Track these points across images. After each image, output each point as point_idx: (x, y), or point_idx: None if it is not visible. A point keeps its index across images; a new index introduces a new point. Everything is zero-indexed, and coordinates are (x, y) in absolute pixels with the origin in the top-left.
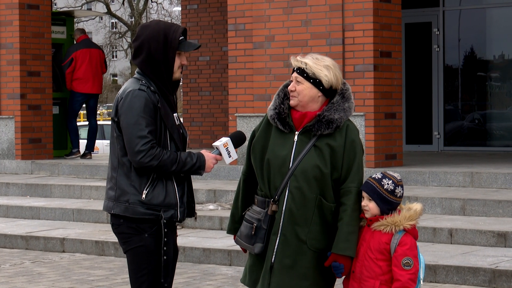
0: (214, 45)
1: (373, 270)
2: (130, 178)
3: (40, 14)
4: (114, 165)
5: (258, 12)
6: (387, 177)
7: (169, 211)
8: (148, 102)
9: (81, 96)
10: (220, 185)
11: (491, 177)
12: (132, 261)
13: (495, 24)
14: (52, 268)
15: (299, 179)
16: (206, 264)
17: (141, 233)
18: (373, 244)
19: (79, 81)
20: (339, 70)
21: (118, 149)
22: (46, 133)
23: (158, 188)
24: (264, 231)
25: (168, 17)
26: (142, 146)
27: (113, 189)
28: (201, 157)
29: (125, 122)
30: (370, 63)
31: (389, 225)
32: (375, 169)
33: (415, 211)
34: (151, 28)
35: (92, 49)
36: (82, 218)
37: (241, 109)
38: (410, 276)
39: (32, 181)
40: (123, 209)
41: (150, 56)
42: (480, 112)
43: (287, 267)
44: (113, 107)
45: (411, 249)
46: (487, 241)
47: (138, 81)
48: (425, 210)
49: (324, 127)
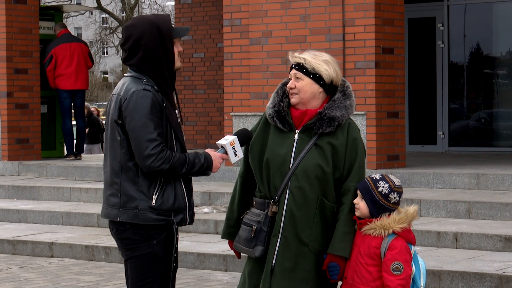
0: (209, 41)
1: (364, 276)
2: (138, 183)
3: (28, 9)
4: (116, 170)
5: (254, 7)
6: (385, 180)
7: (179, 215)
8: (155, 103)
9: (66, 93)
10: (215, 187)
11: (498, 179)
12: (136, 268)
13: (502, 19)
14: (40, 274)
15: (300, 178)
16: (200, 270)
17: (150, 239)
18: (363, 249)
19: (62, 77)
20: (338, 65)
21: (122, 153)
22: (34, 133)
23: (168, 191)
24: (264, 233)
25: (161, 11)
26: (152, 149)
27: (116, 196)
28: (208, 157)
29: (131, 124)
30: (372, 60)
31: (378, 228)
32: (376, 170)
33: (406, 213)
34: (140, 25)
35: (72, 43)
36: (72, 222)
37: (237, 108)
38: (400, 282)
39: (19, 183)
40: (131, 216)
41: (149, 52)
42: (487, 111)
43: (288, 270)
44: (114, 109)
45: (401, 253)
46: (494, 246)
47: (139, 80)
48: (429, 213)
49: (326, 125)
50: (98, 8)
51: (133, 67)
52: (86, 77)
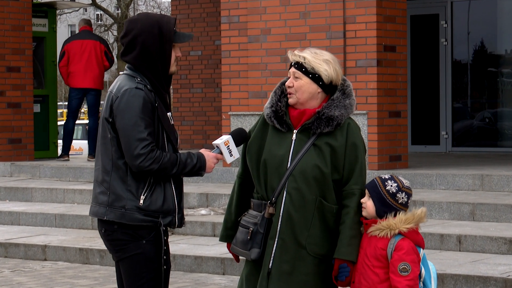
0: (206, 39)
1: (371, 279)
2: (126, 183)
3: (20, 6)
4: (107, 168)
5: (253, 4)
6: (393, 180)
7: (167, 217)
8: (146, 102)
9: (75, 91)
10: (213, 188)
11: (503, 180)
12: (129, 270)
13: (507, 16)
14: (33, 277)
15: (297, 179)
16: (197, 273)
17: (139, 239)
18: (370, 251)
19: (72, 75)
20: (339, 65)
21: (113, 151)
22: (26, 133)
23: (156, 192)
24: (261, 235)
25: (157, 8)
26: (142, 149)
27: (105, 194)
28: (202, 157)
29: (122, 123)
30: (373, 58)
31: (384, 229)
32: (378, 171)
33: (413, 213)
34: (142, 21)
35: (85, 40)
36: (65, 224)
37: (235, 107)
38: (408, 283)
39: (11, 184)
40: (118, 215)
41: (145, 51)
42: (491, 110)
43: (286, 274)
44: (106, 106)
45: (408, 254)
46: (498, 249)
47: (133, 79)
48: (432, 215)
49: (324, 124)
50: (92, 5)
51: (129, 64)
52: (98, 76)
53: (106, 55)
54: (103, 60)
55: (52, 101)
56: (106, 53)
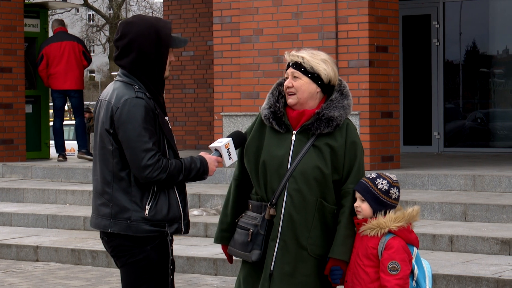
0: (199, 39)
1: (362, 278)
2: (130, 194)
3: (12, 6)
4: (108, 180)
5: (245, 4)
6: (381, 177)
7: (174, 225)
8: (148, 110)
9: (56, 93)
10: (205, 189)
11: (495, 180)
12: (130, 275)
13: (499, 16)
14: (25, 278)
15: (298, 180)
16: (190, 274)
17: (143, 245)
18: (361, 250)
19: (52, 77)
20: (335, 64)
21: (114, 163)
22: (18, 133)
23: (161, 201)
24: (261, 237)
25: (149, 9)
26: (149, 160)
27: (107, 206)
28: (204, 160)
29: (126, 135)
30: (366, 59)
31: (374, 228)
32: (370, 172)
33: (403, 212)
34: (138, 24)
35: (63, 42)
36: (57, 225)
37: (227, 108)
38: (397, 282)
39: (3, 185)
40: (124, 227)
41: (142, 55)
42: (483, 110)
43: (287, 275)
44: (106, 117)
45: (398, 253)
46: (490, 249)
47: (130, 87)
48: (424, 216)
49: (324, 125)
50: (84, 5)
51: (124, 69)
52: (78, 77)
53: (84, 54)
54: (82, 60)
55: (44, 102)
56: (84, 52)
